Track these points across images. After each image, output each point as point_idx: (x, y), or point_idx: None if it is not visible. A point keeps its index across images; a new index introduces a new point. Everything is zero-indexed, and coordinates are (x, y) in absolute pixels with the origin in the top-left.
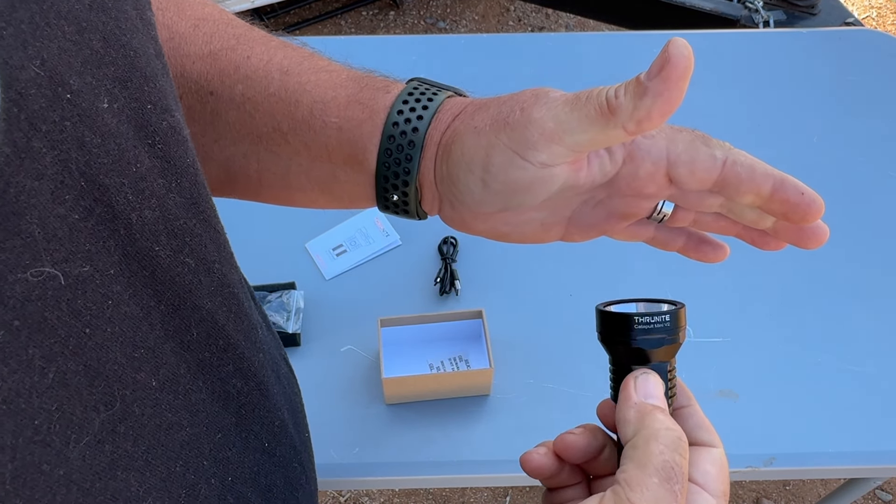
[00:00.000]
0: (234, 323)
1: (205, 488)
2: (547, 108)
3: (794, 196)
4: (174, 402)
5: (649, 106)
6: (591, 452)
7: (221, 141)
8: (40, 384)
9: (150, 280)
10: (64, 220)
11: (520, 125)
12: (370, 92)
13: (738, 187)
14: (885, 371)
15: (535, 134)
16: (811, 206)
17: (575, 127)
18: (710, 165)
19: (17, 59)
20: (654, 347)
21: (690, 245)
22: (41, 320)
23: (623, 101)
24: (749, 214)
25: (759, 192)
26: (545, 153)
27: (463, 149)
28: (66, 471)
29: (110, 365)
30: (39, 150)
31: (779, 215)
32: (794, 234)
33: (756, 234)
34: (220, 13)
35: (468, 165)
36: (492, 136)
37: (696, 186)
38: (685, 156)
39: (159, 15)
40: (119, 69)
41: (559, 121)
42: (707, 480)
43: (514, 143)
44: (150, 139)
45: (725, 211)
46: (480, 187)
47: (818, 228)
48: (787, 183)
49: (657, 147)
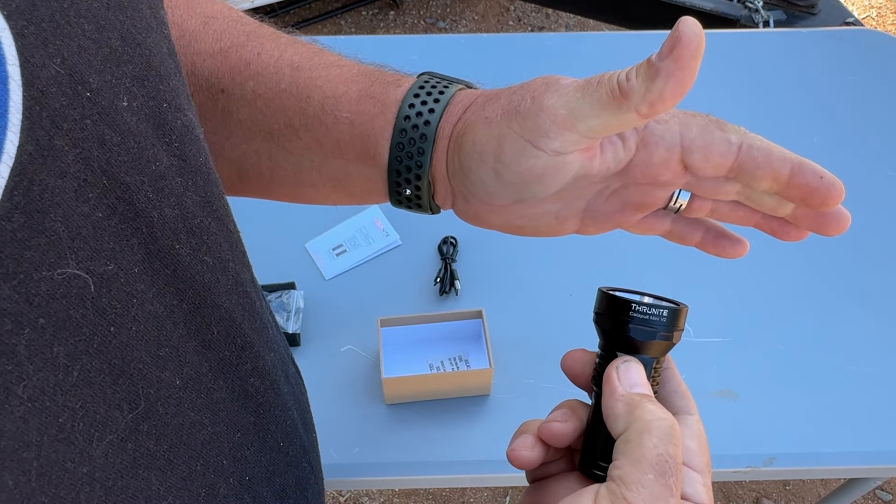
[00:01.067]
0: (249, 322)
1: (223, 487)
2: (558, 95)
3: (812, 180)
4: (196, 401)
5: (661, 87)
6: (578, 433)
7: (233, 139)
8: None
9: (172, 278)
10: (88, 218)
11: (531, 113)
12: (381, 86)
13: (755, 172)
14: (885, 371)
15: (547, 121)
16: (831, 189)
17: (587, 112)
18: (726, 150)
19: (38, 58)
20: (645, 339)
21: (709, 239)
22: (66, 318)
23: (635, 83)
24: (767, 201)
25: (776, 177)
26: (558, 141)
27: (475, 140)
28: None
29: (135, 364)
30: (62, 148)
31: (797, 200)
32: (814, 220)
33: (776, 223)
34: (230, 10)
35: (480, 156)
36: (503, 125)
37: (711, 172)
38: (699, 140)
39: (169, 13)
40: (137, 67)
41: (571, 107)
42: (690, 457)
43: (526, 132)
44: (167, 138)
45: (743, 199)
46: (493, 178)
47: (839, 214)
48: (806, 166)
49: (671, 132)
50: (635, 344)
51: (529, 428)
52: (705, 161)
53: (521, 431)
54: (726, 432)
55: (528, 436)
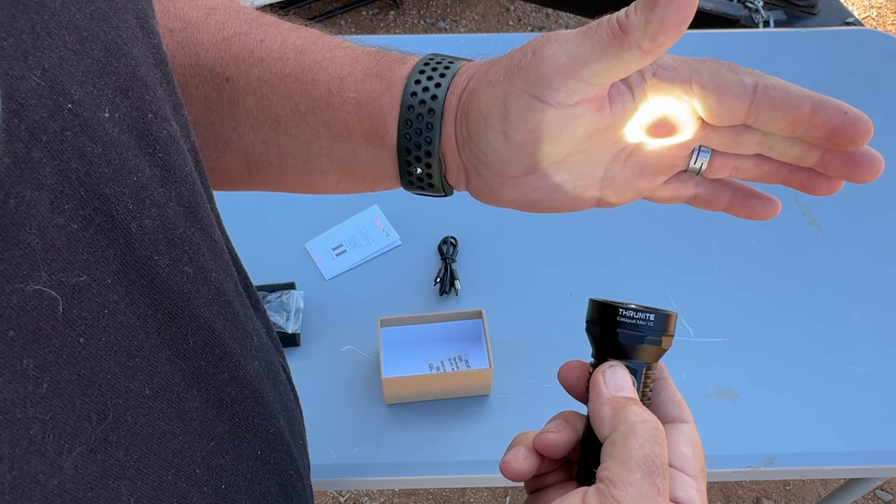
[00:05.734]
0: (231, 331)
1: (196, 496)
2: (558, 43)
3: (836, 116)
4: (167, 411)
5: (662, 16)
6: (573, 444)
7: (240, 129)
8: (34, 394)
9: (149, 289)
10: (62, 229)
11: (533, 66)
12: (386, 64)
13: (774, 114)
14: (884, 371)
15: (549, 71)
16: (857, 125)
17: (588, 56)
18: (740, 92)
19: (17, 70)
20: (634, 344)
21: (737, 200)
22: (36, 330)
23: (634, 17)
24: (791, 149)
25: (796, 117)
26: (562, 90)
27: (480, 104)
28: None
29: (103, 374)
30: (39, 160)
31: (823, 141)
32: (843, 164)
33: (804, 175)
34: (231, 1)
35: (487, 120)
36: (507, 84)
37: (727, 119)
38: (712, 84)
39: (171, 5)
40: (120, 78)
41: (572, 53)
42: (684, 462)
43: (529, 86)
44: (151, 148)
45: (766, 149)
46: (503, 141)
47: (870, 156)
48: (828, 102)
49: (681, 78)
50: (624, 349)
51: (522, 440)
52: (720, 105)
53: (514, 444)
54: (726, 432)
55: (521, 448)
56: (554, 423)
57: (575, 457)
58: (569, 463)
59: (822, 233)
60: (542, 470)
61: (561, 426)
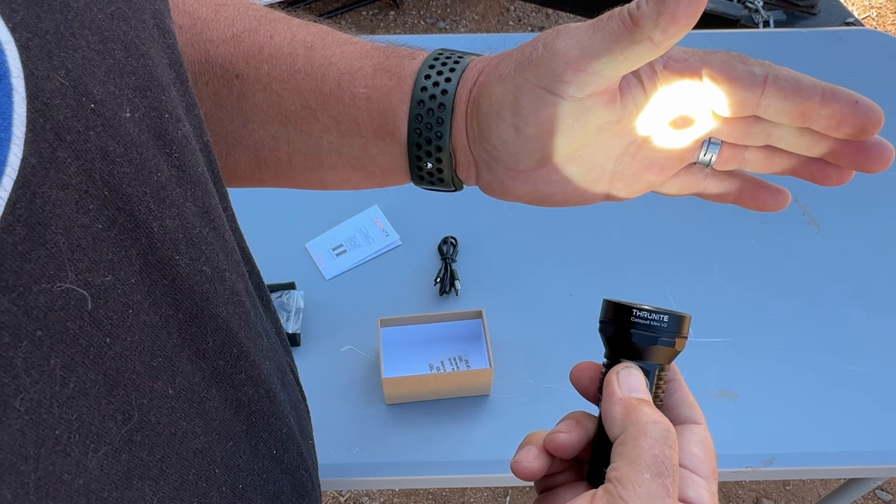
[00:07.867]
0: (245, 331)
1: (216, 496)
2: (569, 36)
3: (847, 105)
4: (189, 411)
5: (673, 7)
6: (583, 444)
7: (250, 125)
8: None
9: (170, 289)
10: (88, 229)
11: (544, 59)
12: (396, 59)
13: (784, 104)
14: (885, 371)
15: (560, 64)
16: (868, 114)
17: (600, 48)
18: (751, 82)
19: (42, 70)
20: (647, 345)
21: (746, 192)
22: (63, 330)
23: (645, 9)
24: (801, 140)
25: (807, 108)
26: (574, 83)
27: (491, 98)
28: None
29: (129, 374)
30: (64, 160)
31: (833, 131)
32: (854, 155)
33: (815, 166)
34: None
35: (498, 114)
36: (518, 77)
37: (738, 109)
38: (722, 75)
39: (180, 2)
40: (139, 78)
41: (583, 46)
42: (695, 463)
43: (540, 79)
44: (168, 148)
45: (776, 140)
46: (514, 135)
47: (881, 146)
48: (839, 92)
49: (691, 69)
50: (638, 350)
51: (533, 439)
52: (731, 96)
53: (525, 443)
54: (726, 432)
55: (532, 447)
56: (564, 423)
57: (586, 457)
58: (579, 463)
59: (822, 233)
60: (553, 470)
61: (571, 426)
